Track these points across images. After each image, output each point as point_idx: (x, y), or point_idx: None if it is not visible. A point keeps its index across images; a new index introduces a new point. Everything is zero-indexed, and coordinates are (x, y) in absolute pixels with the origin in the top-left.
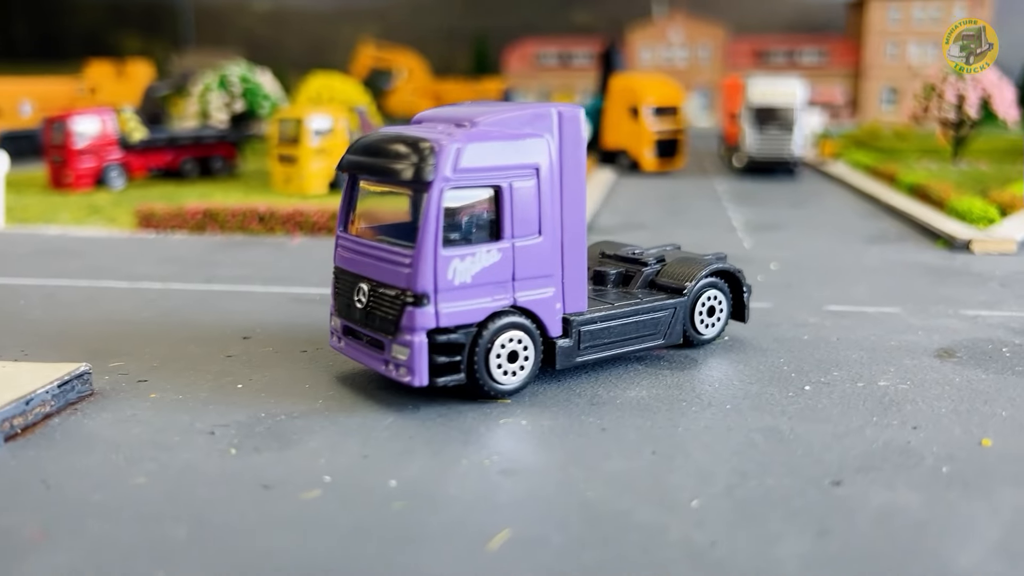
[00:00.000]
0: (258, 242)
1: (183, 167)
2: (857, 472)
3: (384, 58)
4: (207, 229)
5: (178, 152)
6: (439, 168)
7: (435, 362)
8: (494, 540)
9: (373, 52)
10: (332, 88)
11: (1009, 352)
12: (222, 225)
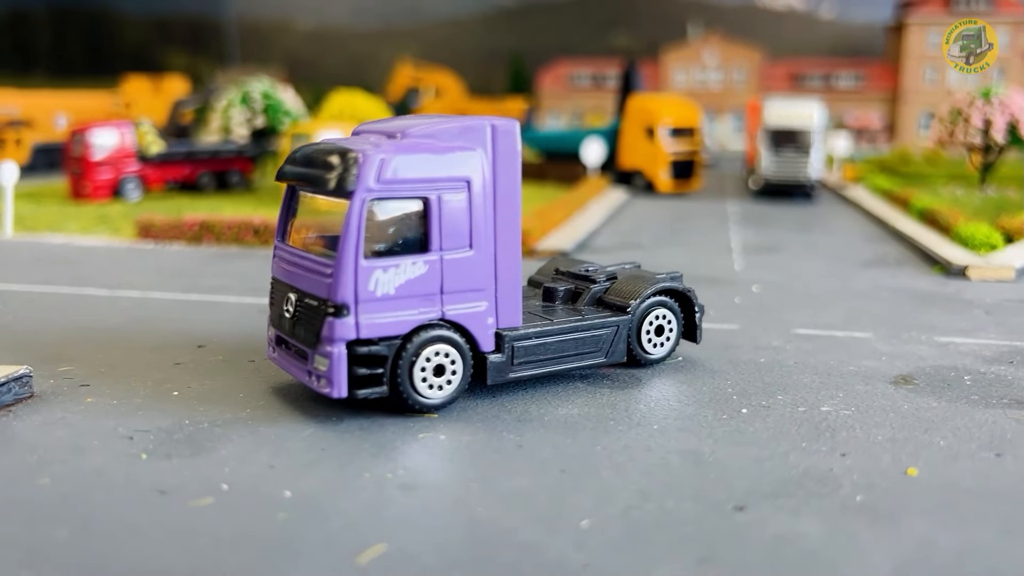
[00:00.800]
0: (250, 254)
1: (200, 180)
2: (765, 498)
3: (421, 77)
4: (204, 240)
5: (195, 166)
6: (362, 179)
7: (355, 374)
8: (365, 554)
9: (411, 71)
10: (354, 106)
11: (971, 380)
12: (218, 237)
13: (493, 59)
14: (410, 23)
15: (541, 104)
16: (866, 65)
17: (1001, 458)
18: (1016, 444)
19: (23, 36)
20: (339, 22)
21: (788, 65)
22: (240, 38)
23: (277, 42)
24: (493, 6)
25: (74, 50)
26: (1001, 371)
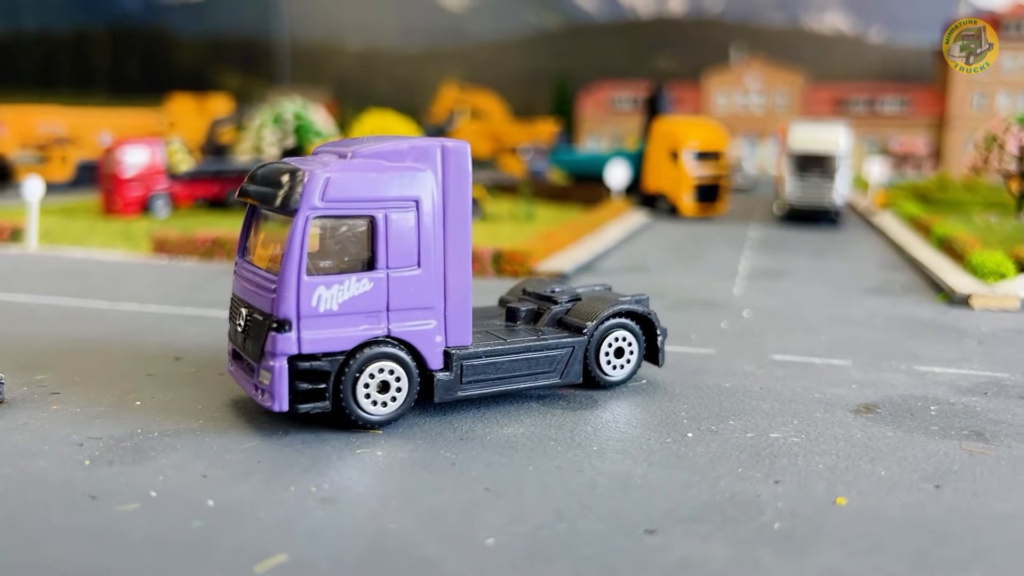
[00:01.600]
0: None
1: (228, 198)
2: (680, 522)
3: (465, 99)
4: (215, 256)
5: (223, 184)
6: (305, 197)
7: (297, 388)
8: (264, 563)
9: (455, 93)
10: (386, 127)
11: (936, 411)
12: (228, 253)
13: (537, 81)
14: (456, 45)
15: (582, 126)
16: (912, 90)
17: (939, 490)
18: (959, 476)
19: (84, 56)
20: (387, 44)
21: (832, 89)
22: (291, 59)
23: (327, 63)
24: (537, 29)
25: (132, 69)
26: (972, 402)
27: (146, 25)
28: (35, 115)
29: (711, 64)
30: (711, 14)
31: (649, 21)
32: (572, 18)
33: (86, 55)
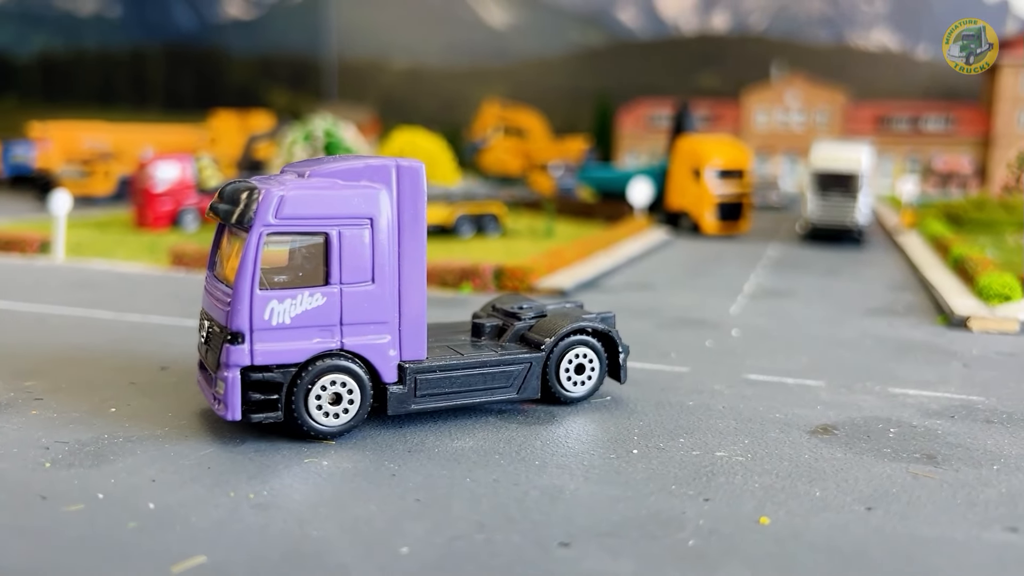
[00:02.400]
0: None
1: None
2: (596, 537)
3: (507, 117)
4: None
5: None
6: (259, 214)
7: (250, 399)
8: (182, 564)
9: (497, 111)
10: (415, 144)
11: (895, 433)
12: None
13: (580, 99)
14: (499, 63)
15: (620, 143)
16: (957, 108)
17: (870, 512)
18: (894, 499)
19: (141, 73)
20: (432, 62)
21: (874, 107)
22: (339, 76)
23: (373, 81)
24: (580, 47)
25: (185, 86)
26: (935, 425)
27: (199, 43)
28: (80, 131)
29: (754, 82)
30: (754, 31)
31: (692, 38)
32: (615, 36)
33: (142, 73)
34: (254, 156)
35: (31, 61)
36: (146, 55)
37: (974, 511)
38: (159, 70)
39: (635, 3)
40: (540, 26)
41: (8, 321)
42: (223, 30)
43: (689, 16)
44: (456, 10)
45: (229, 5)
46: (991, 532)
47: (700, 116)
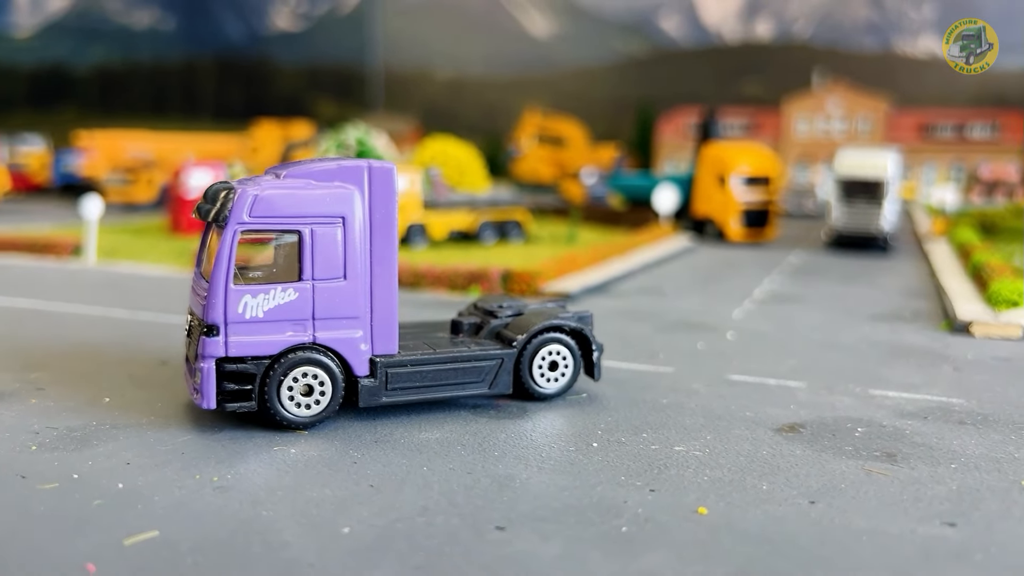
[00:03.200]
0: None
1: None
2: (533, 522)
3: (547, 125)
4: None
5: None
6: (234, 213)
7: (225, 388)
8: (134, 538)
9: (538, 120)
10: (446, 153)
11: (861, 432)
12: None
13: (622, 108)
14: (542, 73)
15: (660, 152)
16: (1003, 115)
17: (812, 505)
18: (840, 495)
19: (192, 84)
20: (475, 72)
21: (917, 115)
22: (384, 87)
23: (417, 90)
24: (623, 55)
25: (235, 97)
26: (905, 425)
27: (249, 55)
28: (124, 140)
29: (797, 89)
30: (799, 39)
31: (735, 46)
32: (658, 44)
33: (193, 84)
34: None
35: (89, 73)
36: (197, 67)
37: (917, 506)
38: (210, 81)
39: (678, 11)
40: (583, 35)
41: (29, 319)
42: (271, 42)
43: (732, 24)
44: (499, 20)
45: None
46: (927, 526)
47: (740, 124)
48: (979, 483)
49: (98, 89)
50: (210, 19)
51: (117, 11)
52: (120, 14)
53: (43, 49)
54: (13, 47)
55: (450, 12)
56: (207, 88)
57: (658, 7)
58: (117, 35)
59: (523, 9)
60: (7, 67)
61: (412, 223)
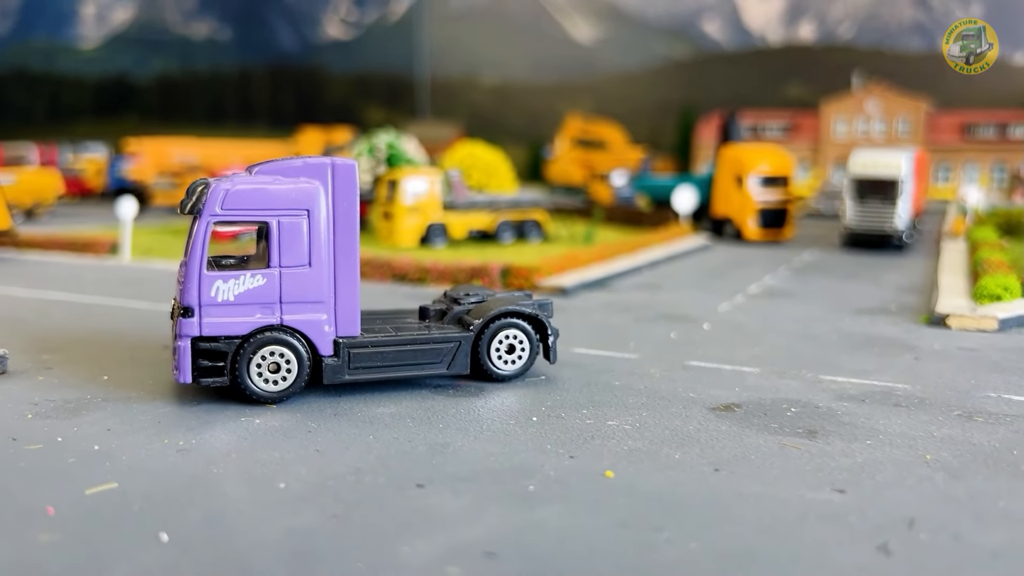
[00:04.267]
0: None
1: None
2: (451, 481)
3: (588, 129)
4: None
5: None
6: (208, 205)
7: (200, 365)
8: (94, 488)
9: (580, 124)
10: (474, 155)
11: (793, 412)
12: None
13: (665, 111)
14: (586, 77)
15: (699, 154)
16: None
17: (716, 472)
18: (746, 464)
19: (247, 92)
20: (520, 77)
21: (959, 115)
22: (431, 94)
23: (464, 97)
24: (666, 59)
25: (288, 104)
26: (840, 407)
27: (301, 63)
28: (171, 146)
29: (841, 91)
30: (842, 40)
31: (778, 49)
32: (701, 48)
33: (249, 92)
34: None
35: (150, 83)
36: (252, 75)
37: (815, 476)
38: (264, 89)
39: (721, 15)
40: (626, 40)
41: (56, 309)
42: (323, 50)
43: (776, 27)
44: (544, 27)
45: (328, 26)
46: (817, 492)
47: (779, 126)
48: (886, 457)
49: (159, 98)
50: (264, 29)
51: (176, 22)
52: (179, 25)
53: (107, 60)
54: (80, 59)
55: (496, 19)
56: (262, 96)
57: (701, 11)
58: (176, 46)
59: (567, 15)
60: (75, 78)
61: (432, 223)
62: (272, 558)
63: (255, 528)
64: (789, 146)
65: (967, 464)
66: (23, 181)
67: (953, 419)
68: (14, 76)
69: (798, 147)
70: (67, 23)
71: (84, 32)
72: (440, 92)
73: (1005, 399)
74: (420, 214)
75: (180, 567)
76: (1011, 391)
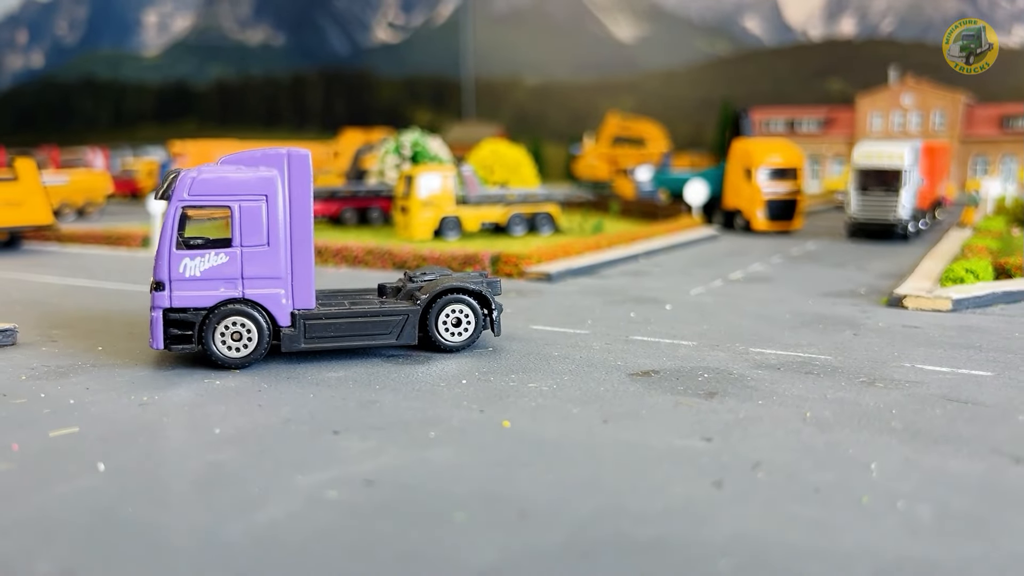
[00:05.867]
0: None
1: (342, 216)
2: (365, 429)
3: (628, 127)
4: None
5: (341, 203)
6: (176, 191)
7: (171, 333)
8: (58, 431)
9: (619, 122)
10: (497, 152)
11: (705, 377)
12: None
13: (706, 107)
14: (627, 75)
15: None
16: None
17: (604, 424)
18: (634, 418)
19: (300, 96)
20: (562, 77)
21: (996, 107)
22: (476, 95)
23: (507, 97)
24: (707, 56)
25: (339, 107)
26: (752, 373)
27: (352, 67)
28: (214, 148)
29: (881, 85)
30: (883, 34)
31: (819, 44)
32: (742, 44)
33: (302, 96)
34: (361, 166)
35: (208, 89)
36: (305, 79)
37: (692, 427)
38: (317, 93)
39: (761, 11)
40: (667, 37)
41: (77, 293)
42: (373, 54)
43: (816, 22)
44: (586, 25)
45: (377, 30)
46: (686, 440)
47: (816, 120)
48: (768, 414)
49: (216, 103)
50: (316, 34)
51: (232, 29)
52: (235, 32)
53: (168, 67)
54: (143, 66)
55: (538, 20)
56: (314, 99)
57: (742, 7)
58: (233, 52)
59: (608, 13)
60: (137, 85)
61: (445, 216)
62: (185, 482)
63: (179, 461)
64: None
65: (841, 421)
66: (75, 182)
67: (855, 384)
68: (82, 84)
69: (834, 141)
70: (131, 32)
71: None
72: (484, 93)
73: (917, 368)
74: (434, 208)
75: (107, 486)
76: (928, 362)
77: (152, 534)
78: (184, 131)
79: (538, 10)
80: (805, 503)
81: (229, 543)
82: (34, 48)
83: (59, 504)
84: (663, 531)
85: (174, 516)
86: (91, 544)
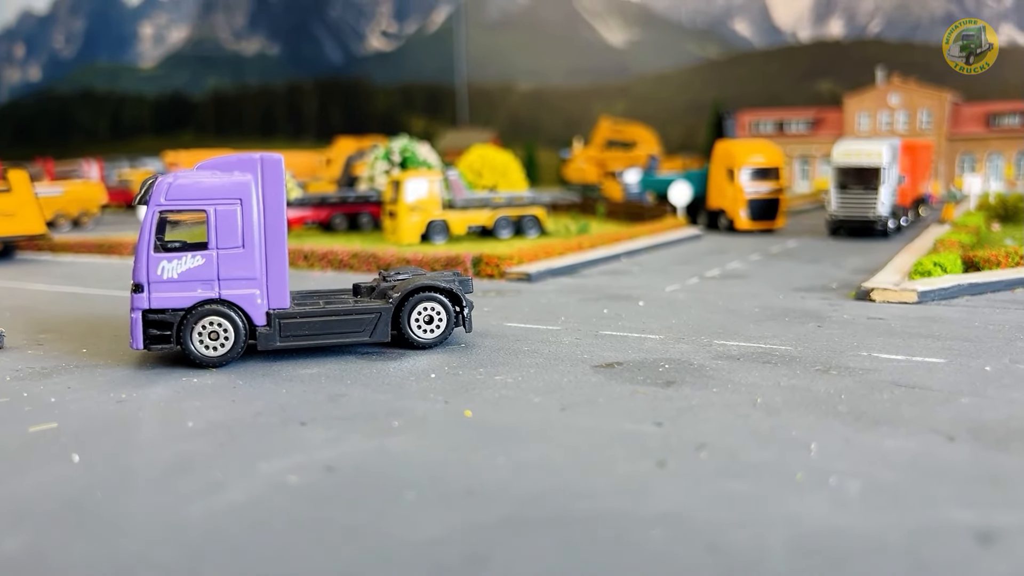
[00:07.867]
0: (293, 275)
1: (332, 221)
2: (331, 420)
3: (621, 131)
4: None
5: (331, 209)
6: (154, 197)
7: (150, 334)
8: (37, 426)
9: (611, 126)
10: (484, 157)
11: (665, 368)
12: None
13: (698, 110)
14: (620, 79)
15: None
16: None
17: (562, 411)
18: (591, 405)
19: (296, 105)
20: (555, 82)
21: (983, 106)
22: (469, 101)
23: (501, 103)
24: (698, 59)
25: (335, 115)
26: (712, 364)
27: (347, 76)
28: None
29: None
30: (871, 35)
31: (808, 45)
32: (732, 46)
33: (298, 105)
34: (352, 173)
35: (205, 99)
36: (301, 89)
37: (645, 413)
38: (312, 102)
39: (750, 14)
40: (658, 41)
41: (67, 300)
42: (367, 62)
43: (805, 24)
44: (578, 31)
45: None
46: (637, 424)
47: (805, 121)
48: (721, 400)
49: (213, 113)
50: (311, 43)
51: (228, 40)
52: (231, 43)
53: (165, 78)
54: (139, 77)
55: (530, 26)
56: (310, 108)
57: (731, 10)
58: (229, 62)
59: (600, 19)
60: (135, 96)
61: (432, 220)
62: (155, 469)
63: (150, 452)
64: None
65: (790, 406)
66: (70, 193)
67: (809, 373)
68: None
69: (823, 141)
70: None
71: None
72: (478, 99)
73: (873, 357)
74: (421, 212)
75: (79, 475)
76: (885, 351)
77: (115, 516)
78: (182, 141)
79: (531, 16)
80: (740, 479)
81: (186, 522)
82: (32, 61)
83: (32, 490)
84: (602, 506)
85: (138, 500)
86: (58, 525)
